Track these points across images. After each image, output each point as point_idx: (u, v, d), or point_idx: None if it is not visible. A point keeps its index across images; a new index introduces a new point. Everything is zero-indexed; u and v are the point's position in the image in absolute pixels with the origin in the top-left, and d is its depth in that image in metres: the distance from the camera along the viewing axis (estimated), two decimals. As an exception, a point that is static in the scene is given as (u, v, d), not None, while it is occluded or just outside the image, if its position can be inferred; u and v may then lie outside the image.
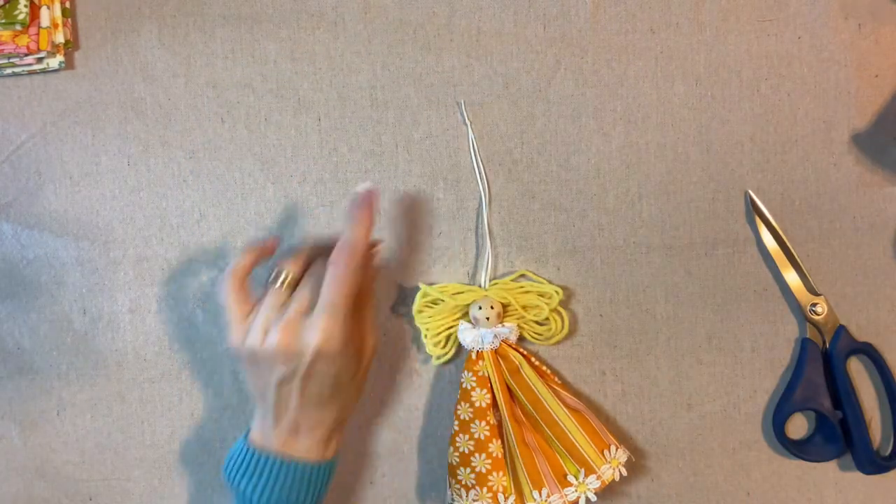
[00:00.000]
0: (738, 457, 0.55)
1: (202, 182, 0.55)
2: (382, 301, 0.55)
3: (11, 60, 0.54)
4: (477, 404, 0.52)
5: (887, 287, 0.55)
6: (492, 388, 0.52)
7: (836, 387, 0.54)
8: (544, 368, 0.54)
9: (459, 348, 0.54)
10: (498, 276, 0.55)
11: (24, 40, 0.53)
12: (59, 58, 0.54)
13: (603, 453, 0.52)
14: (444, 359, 0.54)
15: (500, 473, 0.51)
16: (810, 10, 0.55)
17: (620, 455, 0.52)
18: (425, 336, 0.54)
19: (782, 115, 0.55)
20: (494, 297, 0.53)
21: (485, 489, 0.51)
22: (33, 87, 0.55)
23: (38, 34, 0.53)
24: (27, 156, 0.55)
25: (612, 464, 0.52)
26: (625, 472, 0.52)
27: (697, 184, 0.55)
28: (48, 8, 0.53)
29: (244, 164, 0.55)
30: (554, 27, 0.55)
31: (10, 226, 0.55)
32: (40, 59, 0.54)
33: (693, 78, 0.55)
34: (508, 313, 0.54)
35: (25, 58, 0.53)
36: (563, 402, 0.52)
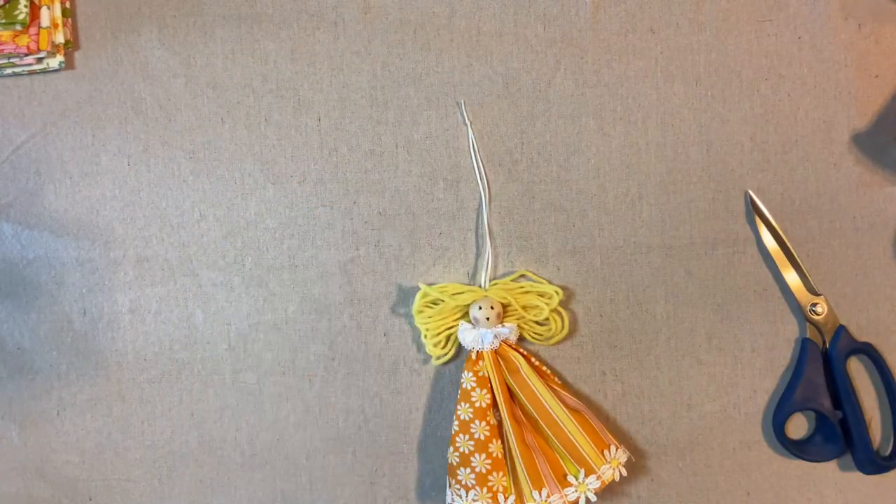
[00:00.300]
0: (738, 457, 0.55)
1: (202, 182, 0.55)
2: (382, 301, 0.55)
3: (11, 60, 0.54)
4: (477, 404, 0.52)
5: (887, 287, 0.55)
6: (492, 388, 0.52)
7: (836, 387, 0.54)
8: (544, 368, 0.54)
9: (459, 348, 0.54)
10: (498, 276, 0.55)
11: (24, 40, 0.53)
12: (59, 58, 0.54)
13: (603, 453, 0.52)
14: (444, 359, 0.54)
15: (500, 473, 0.51)
16: (810, 10, 0.55)
17: (620, 455, 0.52)
18: (425, 336, 0.54)
19: (782, 115, 0.55)
20: (494, 298, 0.53)
21: (485, 489, 0.51)
22: (33, 87, 0.55)
23: (38, 34, 0.53)
24: (27, 156, 0.55)
25: (612, 464, 0.52)
26: (625, 473, 0.52)
27: (697, 184, 0.55)
28: (48, 8, 0.53)
29: (244, 164, 0.55)
30: (554, 27, 0.55)
31: (10, 226, 0.55)
32: (40, 59, 0.54)
33: (693, 78, 0.55)
34: (508, 313, 0.54)
35: (25, 58, 0.53)
36: (563, 402, 0.52)
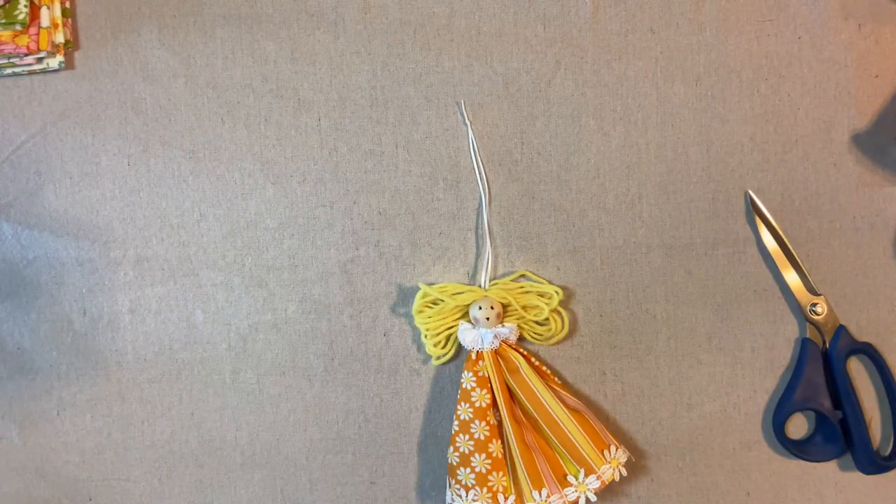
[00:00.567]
0: (738, 457, 0.55)
1: (202, 182, 0.55)
2: (382, 301, 0.55)
3: (11, 60, 0.54)
4: (477, 404, 0.52)
5: (887, 287, 0.55)
6: (492, 388, 0.52)
7: (836, 387, 0.54)
8: (544, 368, 0.54)
9: (459, 348, 0.54)
10: (498, 276, 0.55)
11: (24, 40, 0.53)
12: (59, 58, 0.54)
13: (603, 453, 0.52)
14: (444, 359, 0.54)
15: (500, 473, 0.51)
16: (810, 10, 0.55)
17: (620, 455, 0.52)
18: (425, 336, 0.54)
19: (782, 115, 0.55)
20: (494, 298, 0.53)
21: (485, 489, 0.51)
22: (33, 87, 0.55)
23: (38, 34, 0.53)
24: (27, 156, 0.55)
25: (612, 464, 0.52)
26: (625, 473, 0.52)
27: (697, 184, 0.55)
28: (48, 8, 0.53)
29: (244, 164, 0.55)
30: (554, 27, 0.55)
31: (10, 226, 0.55)
32: (40, 59, 0.54)
33: (693, 78, 0.55)
34: (508, 313, 0.54)
35: (25, 58, 0.53)
36: (563, 402, 0.52)
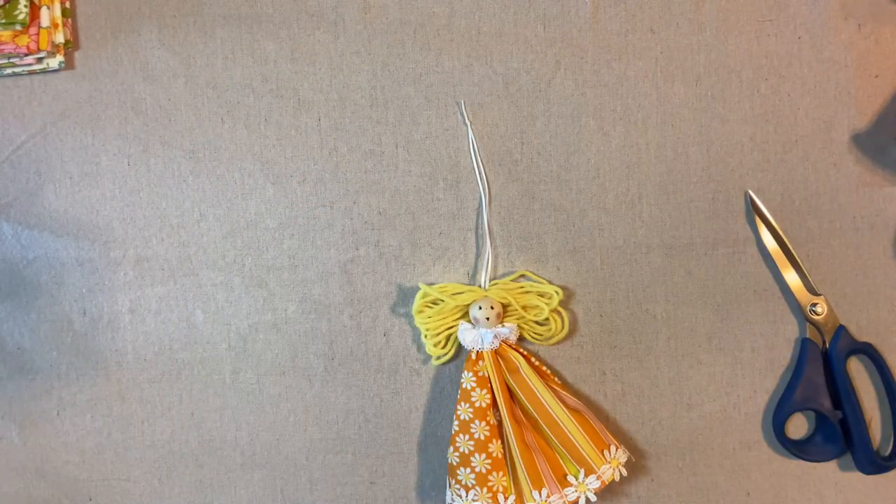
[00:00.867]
0: (738, 457, 0.55)
1: (202, 182, 0.55)
2: (382, 301, 0.55)
3: (11, 60, 0.54)
4: (477, 404, 0.52)
5: (887, 287, 0.55)
6: (492, 388, 0.52)
7: (836, 387, 0.54)
8: (544, 368, 0.54)
9: (459, 348, 0.54)
10: (498, 276, 0.55)
11: (24, 40, 0.53)
12: (59, 58, 0.54)
13: (603, 453, 0.52)
14: (444, 359, 0.54)
15: (500, 473, 0.51)
16: (810, 10, 0.55)
17: (620, 455, 0.52)
18: (425, 336, 0.54)
19: (782, 115, 0.55)
20: (494, 298, 0.53)
21: (485, 489, 0.51)
22: (33, 87, 0.55)
23: (38, 34, 0.53)
24: (27, 156, 0.55)
25: (612, 464, 0.52)
26: (625, 472, 0.52)
27: (697, 184, 0.55)
28: (48, 8, 0.53)
29: (244, 164, 0.55)
30: (554, 27, 0.55)
31: (10, 226, 0.55)
32: (40, 59, 0.54)
33: (693, 78, 0.55)
34: (508, 313, 0.54)
35: (25, 58, 0.53)
36: (563, 402, 0.52)
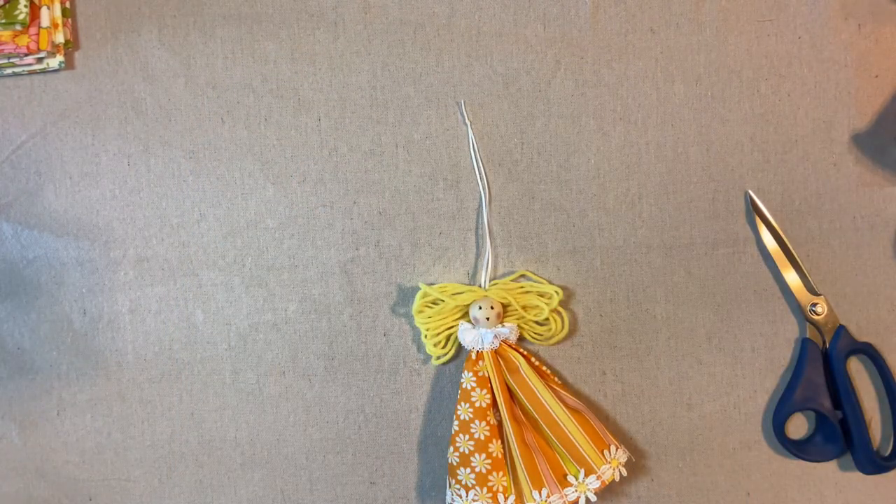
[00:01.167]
0: (738, 457, 0.55)
1: (202, 182, 0.55)
2: (382, 301, 0.55)
3: (11, 60, 0.54)
4: (477, 404, 0.52)
5: (887, 287, 0.55)
6: (492, 388, 0.52)
7: (836, 387, 0.54)
8: (544, 368, 0.54)
9: (459, 348, 0.54)
10: (498, 276, 0.55)
11: (24, 40, 0.53)
12: (59, 58, 0.54)
13: (603, 453, 0.52)
14: (444, 359, 0.54)
15: (500, 473, 0.51)
16: (810, 10, 0.55)
17: (620, 455, 0.52)
18: (425, 336, 0.54)
19: (782, 115, 0.55)
20: (494, 298, 0.53)
21: (485, 489, 0.51)
22: (33, 87, 0.55)
23: (38, 34, 0.53)
24: (27, 156, 0.55)
25: (612, 464, 0.52)
26: (625, 473, 0.52)
27: (697, 184, 0.55)
28: (48, 8, 0.53)
29: (244, 164, 0.55)
30: (554, 27, 0.55)
31: (10, 226, 0.55)
32: (40, 59, 0.54)
33: (693, 78, 0.55)
34: (508, 313, 0.54)
35: (25, 58, 0.53)
36: (563, 402, 0.52)
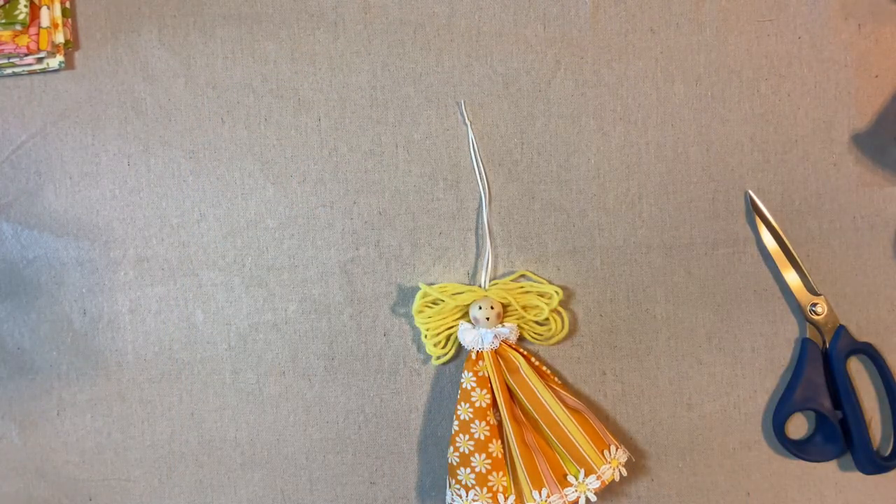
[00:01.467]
0: (738, 457, 0.55)
1: (202, 182, 0.55)
2: (382, 301, 0.55)
3: (11, 60, 0.54)
4: (477, 404, 0.52)
5: (887, 287, 0.55)
6: (492, 388, 0.52)
7: (836, 387, 0.54)
8: (544, 368, 0.54)
9: (459, 348, 0.54)
10: (498, 276, 0.55)
11: (24, 40, 0.53)
12: (59, 58, 0.54)
13: (603, 453, 0.52)
14: (444, 359, 0.54)
15: (500, 473, 0.51)
16: (810, 10, 0.55)
17: (620, 455, 0.52)
18: (425, 336, 0.54)
19: (782, 115, 0.55)
20: (494, 298, 0.53)
21: (485, 489, 0.51)
22: (33, 87, 0.55)
23: (38, 34, 0.53)
24: (27, 156, 0.55)
25: (612, 464, 0.52)
26: (625, 473, 0.52)
27: (697, 184, 0.55)
28: (48, 8, 0.53)
29: (244, 164, 0.55)
30: (554, 27, 0.55)
31: (10, 226, 0.55)
32: (40, 59, 0.54)
33: (693, 78, 0.55)
34: (508, 313, 0.54)
35: (25, 58, 0.53)
36: (563, 402, 0.52)
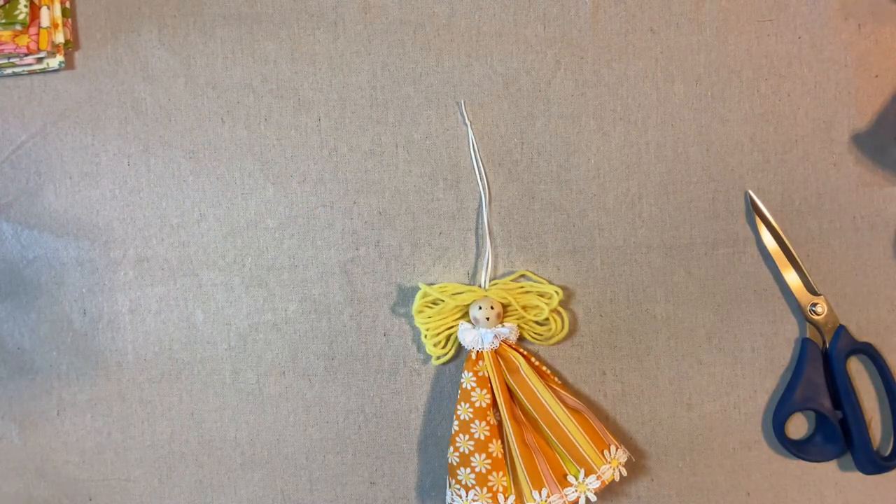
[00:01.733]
0: (738, 457, 0.55)
1: (202, 182, 0.55)
2: (382, 301, 0.55)
3: (11, 60, 0.54)
4: (477, 404, 0.52)
5: (887, 287, 0.55)
6: (492, 388, 0.52)
7: (836, 387, 0.54)
8: (544, 368, 0.54)
9: (459, 348, 0.54)
10: (498, 276, 0.55)
11: (24, 40, 0.53)
12: (59, 58, 0.54)
13: (603, 453, 0.52)
14: (444, 359, 0.54)
15: (500, 473, 0.51)
16: (810, 10, 0.55)
17: (620, 455, 0.52)
18: (425, 336, 0.54)
19: (782, 115, 0.55)
20: (494, 298, 0.53)
21: (485, 489, 0.51)
22: (33, 87, 0.55)
23: (38, 34, 0.53)
24: (27, 156, 0.55)
25: (612, 464, 0.52)
26: (625, 473, 0.52)
27: (697, 184, 0.55)
28: (48, 8, 0.53)
29: (244, 164, 0.55)
30: (554, 27, 0.55)
31: (10, 226, 0.55)
32: (40, 59, 0.54)
33: (693, 78, 0.55)
34: (508, 313, 0.54)
35: (25, 58, 0.53)
36: (563, 402, 0.52)
